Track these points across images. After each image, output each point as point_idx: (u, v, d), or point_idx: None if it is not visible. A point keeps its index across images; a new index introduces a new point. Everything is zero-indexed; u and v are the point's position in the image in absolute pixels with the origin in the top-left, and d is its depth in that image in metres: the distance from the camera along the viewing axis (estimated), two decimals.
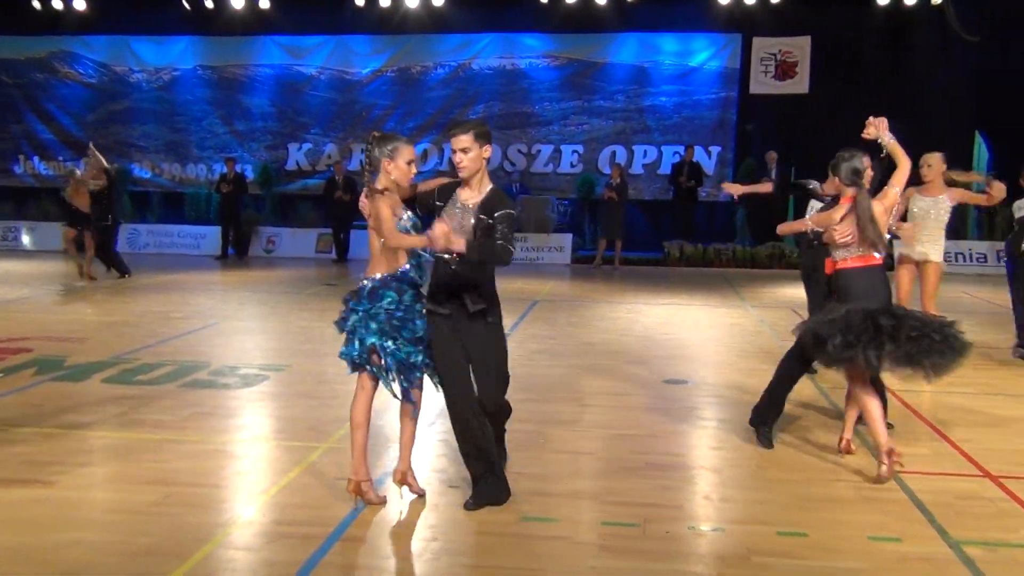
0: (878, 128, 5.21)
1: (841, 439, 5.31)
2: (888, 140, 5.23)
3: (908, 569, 3.72)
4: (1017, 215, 8.50)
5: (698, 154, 18.49)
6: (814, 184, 6.60)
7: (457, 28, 19.16)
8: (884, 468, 4.71)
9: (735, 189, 6.93)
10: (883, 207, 5.13)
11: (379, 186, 4.19)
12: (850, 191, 5.15)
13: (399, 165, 4.21)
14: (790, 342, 8.56)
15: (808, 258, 7.02)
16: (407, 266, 4.28)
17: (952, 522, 4.21)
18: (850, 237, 5.02)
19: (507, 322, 9.71)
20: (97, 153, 13.59)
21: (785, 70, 18.10)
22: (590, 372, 7.51)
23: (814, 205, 6.93)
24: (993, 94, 17.82)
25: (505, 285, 13.13)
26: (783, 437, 5.63)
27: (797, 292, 13.14)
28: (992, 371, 7.73)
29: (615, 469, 4.99)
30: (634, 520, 4.19)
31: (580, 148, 19.33)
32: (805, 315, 7.01)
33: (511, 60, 19.40)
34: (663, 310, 11.21)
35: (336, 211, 17.01)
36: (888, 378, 5.27)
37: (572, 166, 19.35)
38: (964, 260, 16.34)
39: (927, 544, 3.97)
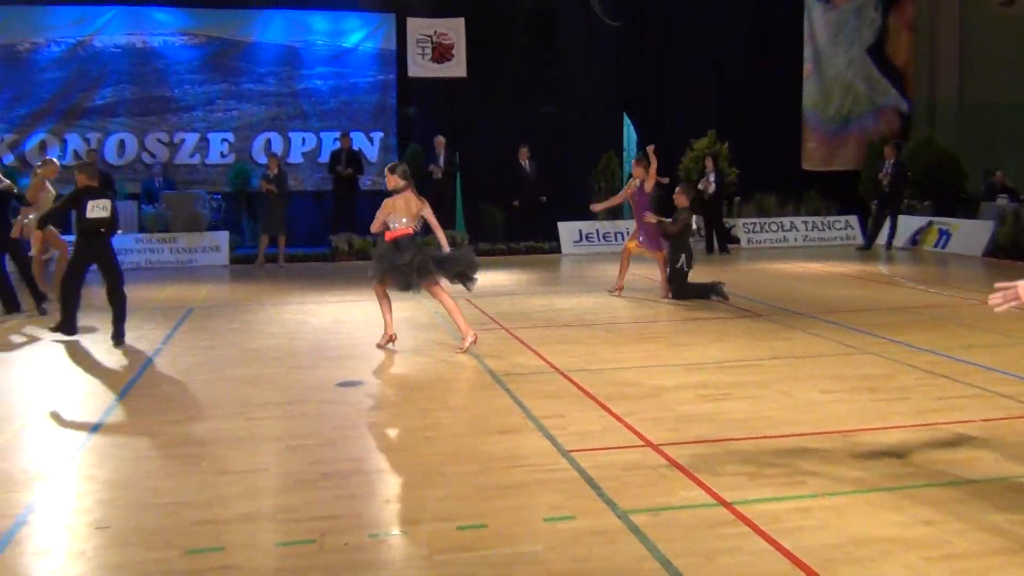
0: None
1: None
2: None
3: (582, 543, 4.11)
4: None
5: (359, 140, 18.72)
6: None
7: None
8: (468, 342, 8.24)
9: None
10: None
11: None
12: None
13: None
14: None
15: None
16: None
17: (620, 493, 4.70)
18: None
19: (158, 334, 9.31)
20: None
21: (442, 52, 18.82)
22: (257, 382, 7.37)
23: None
24: (635, 76, 19.88)
25: (153, 294, 12.55)
26: (461, 430, 5.93)
27: None
28: (647, 344, 8.69)
29: (289, 484, 4.97)
30: (311, 536, 4.22)
31: (230, 136, 18.74)
32: (477, 303, 7.53)
33: (141, 37, 18.29)
34: (334, 308, 11.25)
35: None
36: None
37: (222, 156, 18.71)
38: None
39: (598, 517, 4.40)
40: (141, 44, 18.32)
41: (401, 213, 8.19)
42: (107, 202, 8.95)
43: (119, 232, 9.61)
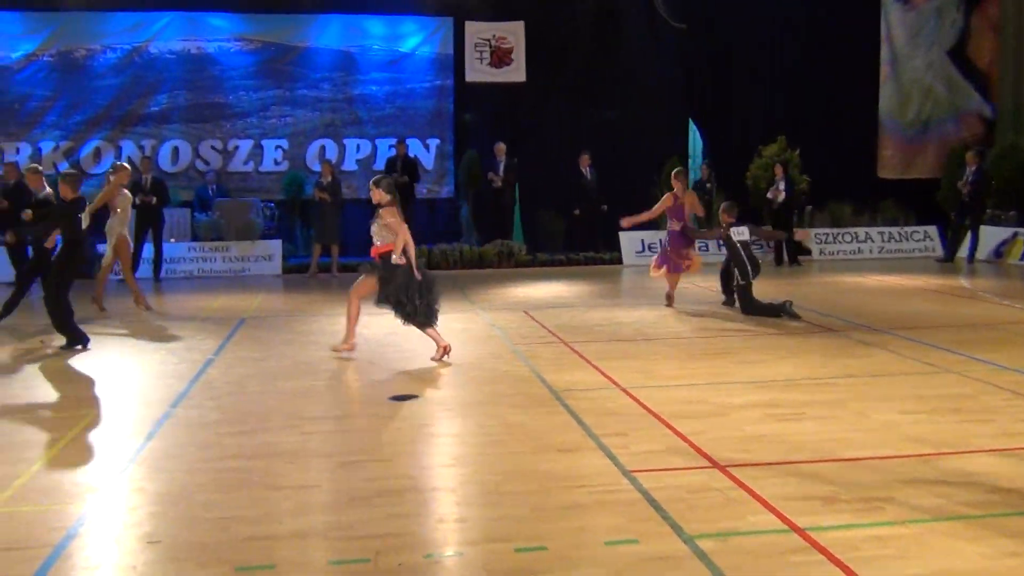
0: None
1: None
2: None
3: (645, 569, 4.05)
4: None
5: (415, 147, 18.85)
6: None
7: (127, 5, 18.19)
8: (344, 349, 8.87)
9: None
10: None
11: None
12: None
13: None
14: (523, 346, 9.07)
15: None
16: None
17: (685, 517, 4.62)
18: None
19: (210, 345, 9.44)
20: None
21: (501, 56, 18.88)
22: (309, 394, 7.44)
23: None
24: (701, 80, 19.72)
25: (205, 303, 12.75)
26: (519, 447, 5.90)
27: (528, 292, 13.80)
28: (712, 360, 8.57)
29: (343, 501, 4.98)
30: (365, 555, 4.22)
31: (284, 143, 19.01)
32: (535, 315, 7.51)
33: (196, 43, 18.67)
34: (387, 320, 11.26)
35: None
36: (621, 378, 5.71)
37: (276, 164, 18.99)
38: None
39: (663, 542, 4.34)
40: (196, 50, 18.69)
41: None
42: (84, 212, 9.60)
43: (172, 240, 10.06)
